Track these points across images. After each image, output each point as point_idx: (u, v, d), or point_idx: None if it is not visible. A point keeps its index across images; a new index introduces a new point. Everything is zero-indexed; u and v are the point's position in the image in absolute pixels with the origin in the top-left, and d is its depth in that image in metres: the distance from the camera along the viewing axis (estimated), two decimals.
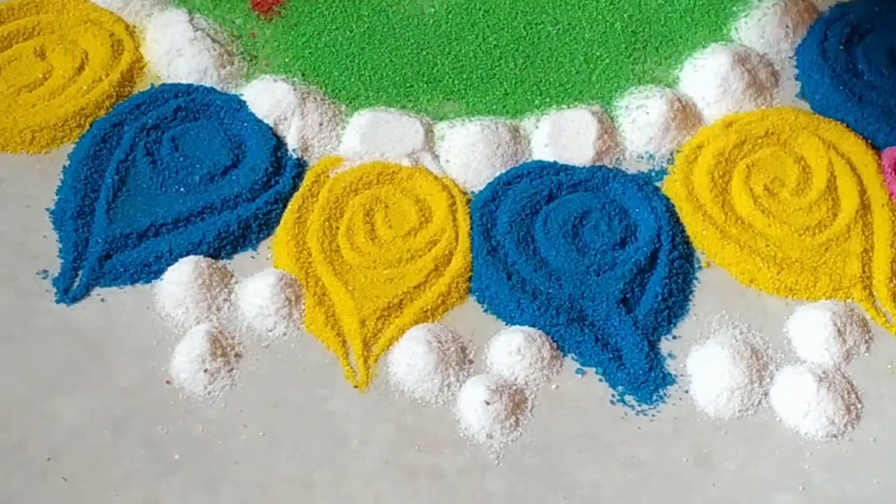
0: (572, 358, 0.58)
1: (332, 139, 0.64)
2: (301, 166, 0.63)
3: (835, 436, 0.55)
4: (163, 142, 0.62)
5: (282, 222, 0.61)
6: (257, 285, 0.57)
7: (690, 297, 0.60)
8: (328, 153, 0.64)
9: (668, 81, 0.68)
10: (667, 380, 0.57)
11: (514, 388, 0.56)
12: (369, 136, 0.64)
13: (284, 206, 0.61)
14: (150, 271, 0.58)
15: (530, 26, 0.70)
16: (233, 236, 0.60)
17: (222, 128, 0.63)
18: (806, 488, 0.54)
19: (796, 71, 0.69)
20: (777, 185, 0.63)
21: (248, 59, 0.67)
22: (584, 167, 0.63)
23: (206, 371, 0.55)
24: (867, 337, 0.59)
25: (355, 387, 0.56)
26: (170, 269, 0.58)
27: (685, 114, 0.66)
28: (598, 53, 0.69)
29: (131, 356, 0.55)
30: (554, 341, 0.58)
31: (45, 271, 0.58)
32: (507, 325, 0.58)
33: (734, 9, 0.71)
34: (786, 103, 0.67)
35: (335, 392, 0.55)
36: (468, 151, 0.63)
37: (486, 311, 0.59)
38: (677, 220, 0.62)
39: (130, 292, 0.58)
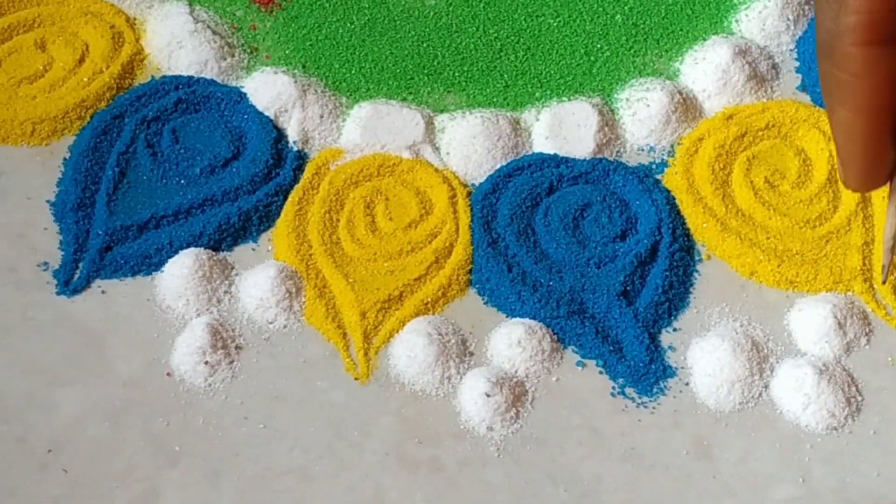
0: (573, 350, 0.58)
1: (332, 131, 0.64)
2: (301, 158, 0.63)
3: (835, 428, 0.55)
4: (163, 134, 0.62)
5: (282, 214, 0.61)
6: (258, 277, 0.57)
7: (691, 289, 0.60)
8: (329, 145, 0.64)
9: (668, 74, 0.68)
10: (667, 372, 0.57)
11: (515, 380, 0.56)
12: (370, 129, 0.63)
13: (285, 199, 0.61)
14: (151, 263, 0.58)
15: (531, 18, 0.70)
16: (233, 228, 0.60)
17: (223, 120, 0.63)
18: (806, 481, 0.54)
19: (797, 63, 0.69)
20: (777, 178, 0.63)
21: (249, 51, 0.67)
22: (584, 159, 0.63)
23: (206, 363, 0.55)
24: (868, 330, 0.59)
25: (356, 379, 0.56)
26: (170, 261, 0.58)
27: (686, 106, 0.66)
28: (598, 46, 0.69)
29: (132, 348, 0.55)
30: (554, 334, 0.58)
31: (45, 263, 0.58)
32: (507, 317, 0.58)
33: (735, 1, 0.71)
34: (786, 96, 0.67)
35: (335, 384, 0.55)
36: (469, 143, 0.63)
37: (486, 303, 0.59)
38: (678, 212, 0.62)
39: (131, 284, 0.58)
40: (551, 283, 0.59)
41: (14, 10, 0.66)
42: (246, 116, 0.63)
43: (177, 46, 0.65)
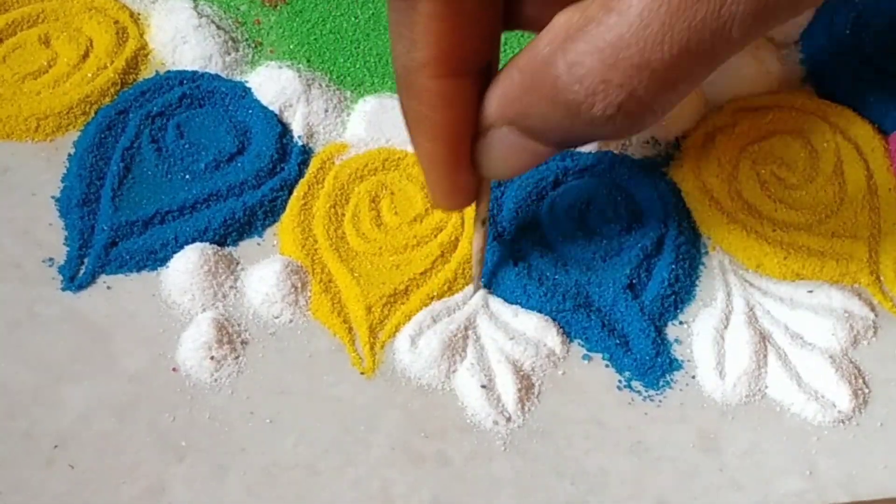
0: (579, 344, 0.58)
1: (337, 126, 0.64)
2: (306, 153, 0.63)
3: (842, 421, 0.55)
4: (168, 129, 0.62)
5: (287, 209, 0.61)
6: (263, 272, 0.57)
7: (697, 282, 0.60)
8: (333, 140, 0.64)
9: None
10: (673, 365, 0.57)
11: (521, 373, 0.56)
12: (374, 123, 0.63)
13: (290, 193, 0.61)
14: (156, 259, 0.58)
15: None
16: (238, 223, 0.60)
17: (227, 115, 0.63)
18: (813, 473, 0.54)
19: (802, 55, 0.69)
20: (783, 170, 0.63)
21: (253, 45, 0.67)
22: (590, 153, 0.63)
23: (212, 358, 0.55)
24: (874, 322, 0.59)
25: (362, 373, 0.56)
26: (175, 256, 0.58)
27: (691, 99, 0.65)
28: None
29: (137, 343, 0.55)
30: (560, 327, 0.58)
31: (50, 259, 0.58)
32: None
33: None
34: (792, 88, 0.67)
35: (342, 379, 0.55)
36: None
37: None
38: (683, 205, 0.62)
39: (136, 280, 0.58)
40: (557, 276, 0.58)
41: (18, 6, 0.66)
42: (250, 111, 0.63)
43: (181, 41, 0.65)
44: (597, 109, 0.44)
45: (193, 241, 0.58)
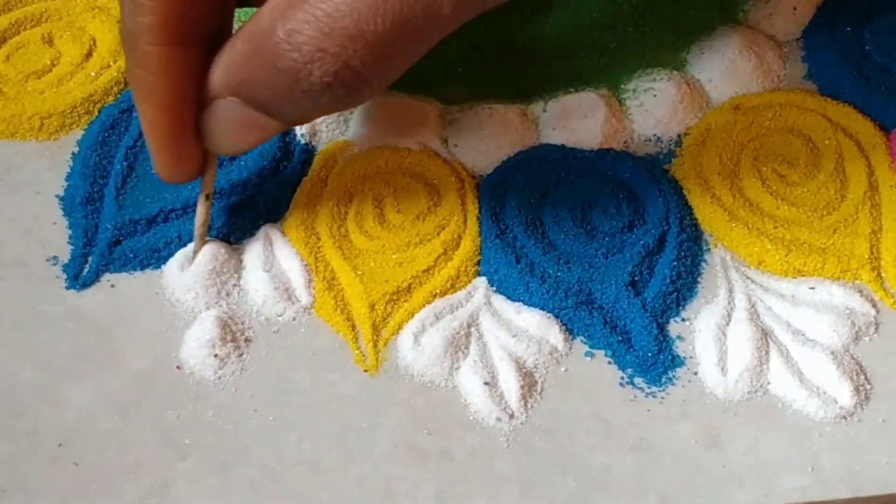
0: (581, 341, 0.58)
1: (340, 124, 0.64)
2: (309, 151, 0.63)
3: (844, 417, 0.55)
4: None
5: (290, 207, 0.61)
6: None
7: (699, 279, 0.60)
8: (336, 138, 0.64)
9: (675, 64, 0.68)
10: (675, 362, 0.57)
11: (524, 370, 0.56)
12: (378, 121, 0.63)
13: (293, 192, 0.61)
14: (160, 257, 0.58)
15: (538, 9, 0.70)
16: (242, 221, 0.60)
17: None
18: (815, 469, 0.54)
19: (804, 52, 0.69)
20: (785, 167, 0.63)
21: None
22: (592, 150, 0.63)
23: (216, 356, 0.55)
24: (876, 318, 0.59)
25: (365, 371, 0.56)
26: (179, 254, 0.58)
27: (693, 96, 0.66)
28: (605, 36, 0.69)
29: (141, 342, 0.56)
30: (563, 324, 0.58)
31: (54, 258, 0.58)
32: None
33: None
34: (793, 85, 0.67)
35: (345, 376, 0.55)
36: (477, 135, 0.63)
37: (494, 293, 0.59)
38: (685, 202, 0.62)
39: (140, 278, 0.58)
40: (559, 273, 0.59)
41: (21, 5, 0.66)
42: None
43: None
44: (314, 77, 0.45)
45: None
